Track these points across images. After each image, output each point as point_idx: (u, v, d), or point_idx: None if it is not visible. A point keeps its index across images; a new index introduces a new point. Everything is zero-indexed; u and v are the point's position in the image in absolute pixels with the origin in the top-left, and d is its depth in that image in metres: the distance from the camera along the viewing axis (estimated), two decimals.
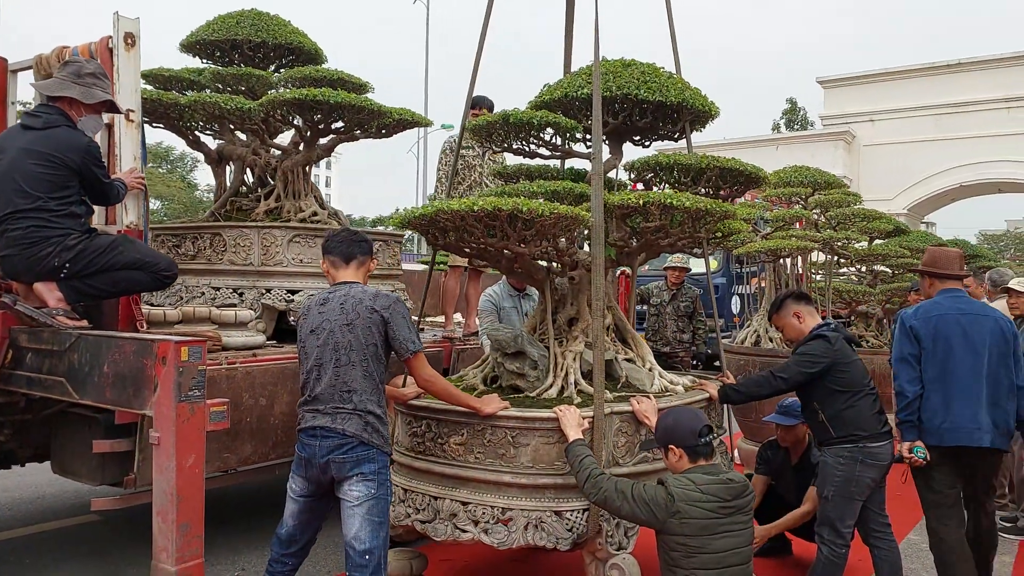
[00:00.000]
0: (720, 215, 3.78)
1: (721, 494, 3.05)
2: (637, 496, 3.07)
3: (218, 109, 5.50)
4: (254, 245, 5.43)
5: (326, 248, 3.46)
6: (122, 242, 3.84)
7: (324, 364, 3.22)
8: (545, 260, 4.02)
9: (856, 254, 7.42)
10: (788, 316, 4.19)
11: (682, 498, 3.00)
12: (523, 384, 3.87)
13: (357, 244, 3.44)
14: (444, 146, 6.54)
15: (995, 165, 27.74)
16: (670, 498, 3.00)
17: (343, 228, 3.61)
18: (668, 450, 3.25)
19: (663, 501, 3.01)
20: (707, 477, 3.09)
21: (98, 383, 3.41)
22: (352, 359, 3.20)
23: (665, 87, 4.19)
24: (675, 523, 2.99)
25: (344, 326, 3.22)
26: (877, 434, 3.89)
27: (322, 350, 3.23)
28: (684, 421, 3.23)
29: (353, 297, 3.28)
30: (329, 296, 3.33)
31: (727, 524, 3.02)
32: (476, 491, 3.55)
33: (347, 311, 3.24)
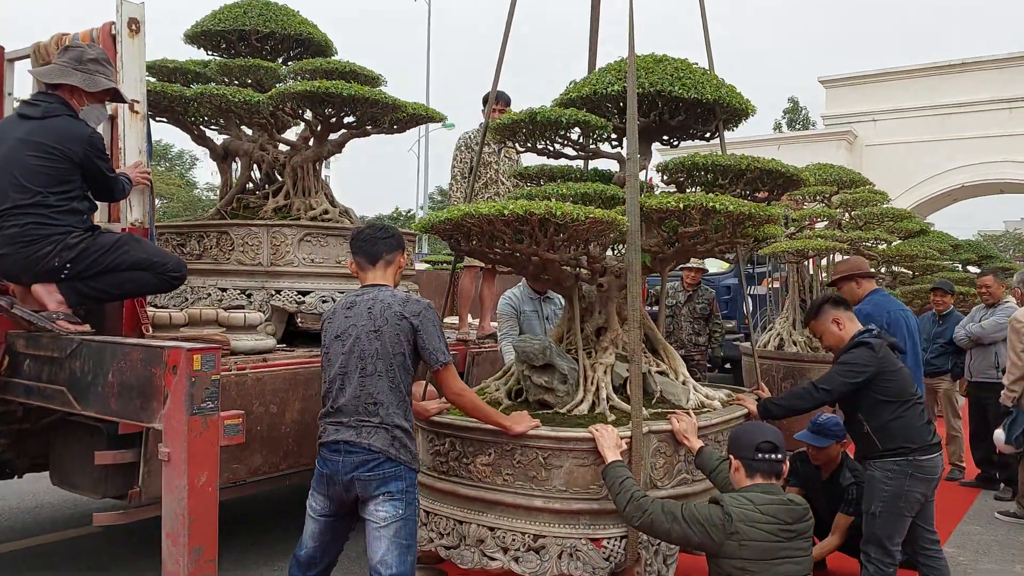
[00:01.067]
0: (763, 219, 3.56)
1: (781, 516, 2.83)
2: (689, 516, 2.85)
3: (225, 102, 5.27)
4: (263, 244, 5.21)
5: (352, 248, 3.24)
6: (127, 241, 3.60)
7: (349, 373, 3.00)
8: (574, 267, 3.79)
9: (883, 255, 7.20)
10: (827, 323, 4.00)
11: (740, 518, 2.79)
12: (552, 399, 3.65)
13: (383, 241, 3.19)
14: (459, 143, 6.29)
15: (997, 166, 27.59)
16: (727, 517, 2.79)
17: (368, 224, 3.35)
18: (729, 461, 3.07)
19: (719, 521, 2.80)
20: (766, 497, 2.88)
21: (102, 393, 3.17)
22: (379, 369, 2.98)
23: (700, 84, 3.97)
24: (733, 545, 2.77)
25: (371, 332, 2.99)
26: (927, 446, 3.72)
27: (347, 358, 3.00)
28: (749, 432, 3.04)
29: (381, 302, 3.04)
30: (356, 299, 3.10)
31: (788, 549, 2.81)
32: (505, 516, 3.33)
33: (375, 316, 3.01)
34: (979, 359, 6.92)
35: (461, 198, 6.20)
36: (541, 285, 5.26)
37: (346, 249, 5.35)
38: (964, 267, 11.27)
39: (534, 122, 3.85)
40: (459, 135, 6.39)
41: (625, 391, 3.79)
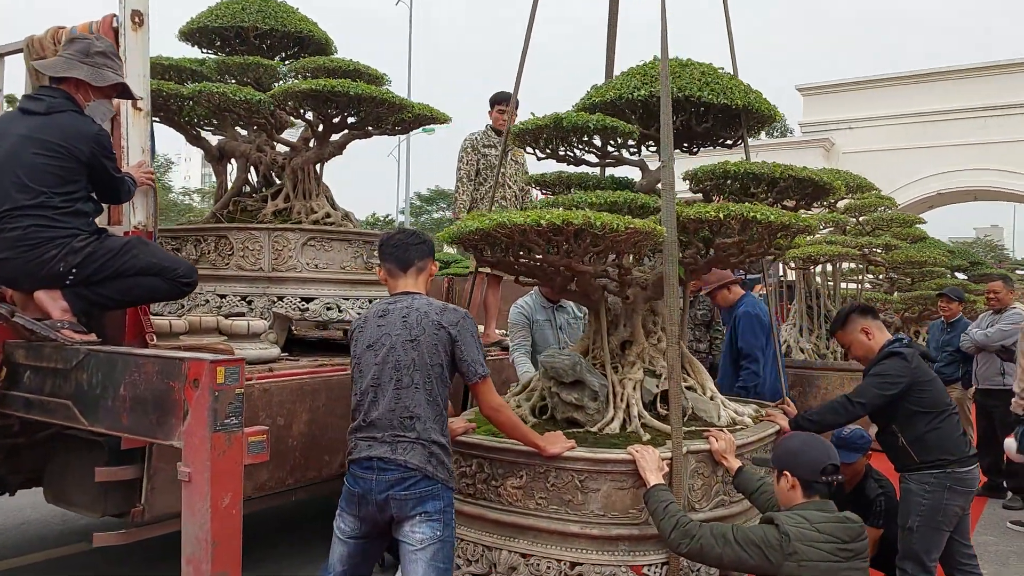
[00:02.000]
0: (799, 229, 3.44)
1: (839, 535, 2.69)
2: (743, 539, 2.70)
3: (225, 100, 5.04)
4: (264, 249, 5.00)
5: (381, 254, 3.07)
6: (136, 244, 3.39)
7: (383, 384, 2.83)
8: (604, 279, 3.64)
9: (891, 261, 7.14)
10: (855, 332, 3.88)
11: (798, 537, 2.63)
12: (581, 417, 3.50)
13: (414, 248, 3.03)
14: (465, 144, 6.12)
15: (971, 173, 27.98)
16: (785, 537, 2.63)
17: (398, 230, 3.19)
18: (781, 475, 2.87)
19: (776, 541, 2.64)
20: (822, 515, 2.73)
21: (112, 408, 2.96)
22: (416, 380, 2.82)
23: (729, 89, 3.85)
24: (792, 566, 2.61)
25: (407, 342, 2.83)
26: (965, 458, 3.64)
27: (381, 368, 2.84)
28: (812, 452, 2.85)
29: (417, 310, 2.89)
30: (389, 307, 2.94)
31: (847, 570, 2.66)
32: (538, 542, 3.16)
33: (411, 325, 2.85)
34: (985, 366, 6.89)
35: (468, 201, 6.05)
36: (555, 294, 5.11)
37: (351, 254, 5.19)
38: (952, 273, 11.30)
39: (560, 127, 3.69)
40: (464, 136, 6.22)
41: (655, 408, 3.66)
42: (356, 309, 5.09)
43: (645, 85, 3.80)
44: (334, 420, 4.58)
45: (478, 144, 6.07)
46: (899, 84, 29.49)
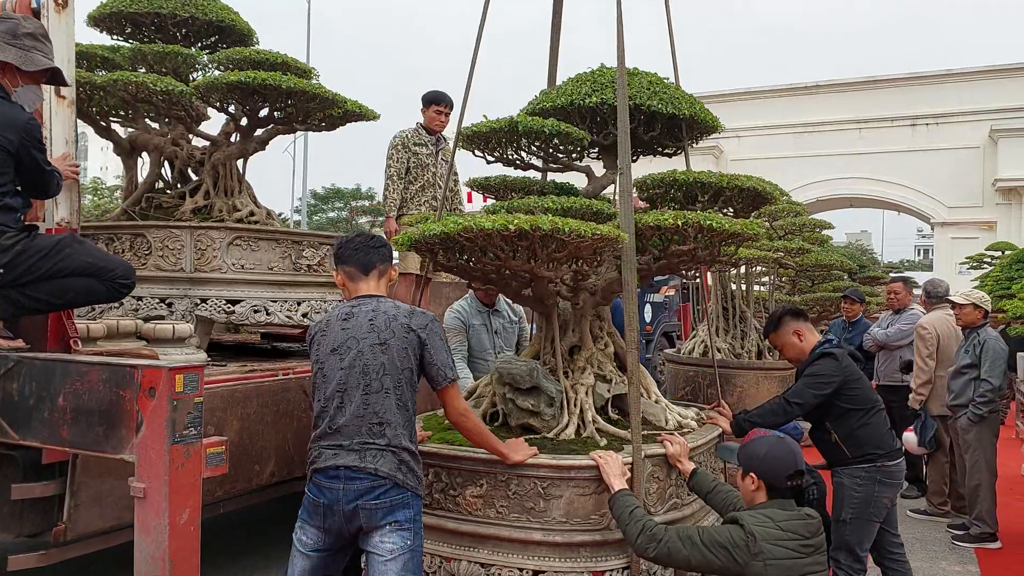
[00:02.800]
0: (748, 236, 3.53)
1: (801, 531, 2.75)
2: (709, 540, 2.72)
3: (144, 91, 4.77)
4: (186, 248, 4.76)
5: (339, 257, 2.95)
6: (69, 243, 3.13)
7: (349, 390, 2.72)
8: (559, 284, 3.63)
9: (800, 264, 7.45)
10: (788, 335, 4.03)
11: (763, 537, 2.68)
12: (537, 423, 3.47)
13: (375, 251, 2.93)
14: (395, 141, 5.98)
15: (847, 182, 29.60)
16: (751, 537, 2.67)
17: (357, 232, 3.09)
18: (747, 475, 2.92)
19: (743, 541, 2.68)
20: (785, 513, 2.79)
21: (49, 419, 2.73)
22: (385, 385, 2.72)
23: (676, 99, 3.91)
24: (759, 566, 2.66)
25: (376, 346, 2.74)
26: (893, 451, 3.84)
27: (347, 373, 2.72)
28: (779, 458, 2.88)
29: (385, 313, 2.79)
30: (353, 310, 2.82)
31: (810, 565, 2.73)
32: (499, 551, 3.12)
33: (379, 328, 2.76)
34: (886, 363, 7.28)
35: (398, 200, 5.93)
36: (488, 296, 5.07)
37: (279, 254, 5.01)
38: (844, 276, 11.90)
39: (514, 131, 3.66)
40: (394, 133, 6.08)
41: (607, 412, 3.67)
42: (285, 312, 4.91)
43: (596, 92, 3.81)
44: (264, 428, 4.41)
45: (408, 142, 5.96)
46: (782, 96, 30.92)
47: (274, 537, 5.44)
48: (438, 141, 6.15)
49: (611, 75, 3.91)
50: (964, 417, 5.66)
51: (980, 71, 29.63)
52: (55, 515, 3.45)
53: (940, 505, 6.33)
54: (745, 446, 3.01)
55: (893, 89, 30.38)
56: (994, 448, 5.70)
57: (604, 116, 3.91)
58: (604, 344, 3.92)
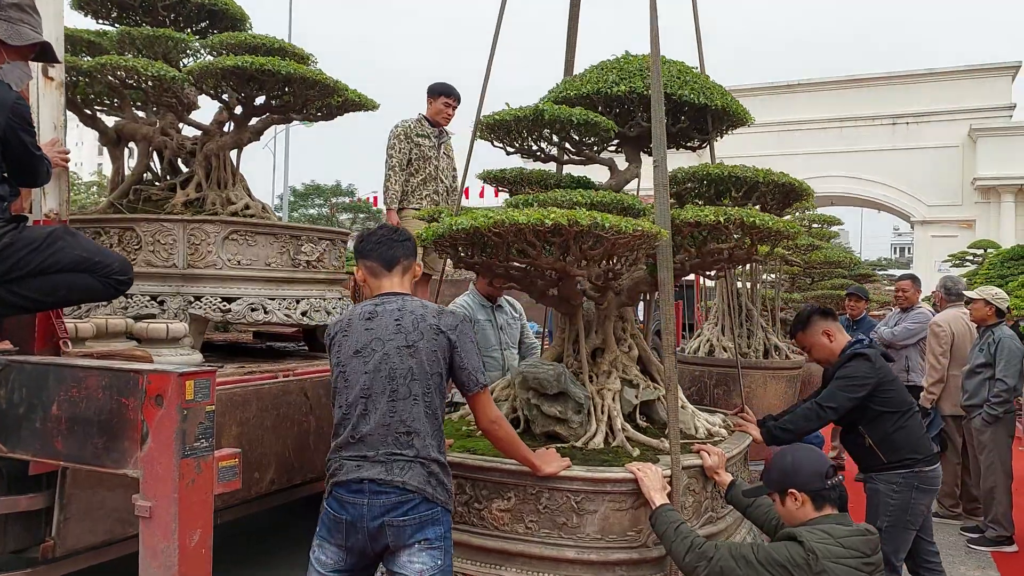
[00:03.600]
0: (787, 234, 3.34)
1: (862, 548, 2.56)
2: (766, 559, 2.52)
3: (134, 76, 4.49)
4: (179, 243, 4.50)
5: (361, 251, 2.72)
6: (62, 235, 2.86)
7: (374, 395, 2.50)
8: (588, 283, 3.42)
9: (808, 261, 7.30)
10: (817, 335, 3.85)
11: (825, 554, 2.48)
12: (564, 431, 3.25)
13: (400, 244, 2.71)
14: (398, 131, 5.73)
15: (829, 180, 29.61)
16: (812, 555, 2.47)
17: (380, 226, 2.83)
18: (787, 495, 2.71)
19: (803, 560, 2.48)
20: (844, 529, 2.59)
21: (42, 430, 2.47)
22: (414, 391, 2.50)
23: (708, 89, 3.71)
24: None
25: (404, 348, 2.51)
26: (931, 456, 3.68)
27: (372, 377, 2.50)
28: (807, 462, 2.71)
29: (412, 312, 2.57)
30: (377, 309, 2.60)
31: None
32: (527, 569, 2.90)
33: (406, 330, 2.53)
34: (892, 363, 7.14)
35: (399, 191, 5.70)
36: (494, 290, 4.85)
37: (277, 249, 4.76)
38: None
39: (539, 120, 3.44)
40: (395, 123, 5.84)
41: (635, 419, 3.47)
42: (283, 310, 4.66)
43: (624, 80, 3.60)
44: (264, 433, 4.17)
45: (411, 133, 5.72)
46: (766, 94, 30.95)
47: (274, 545, 5.20)
48: (440, 134, 5.92)
49: (639, 63, 3.70)
50: (979, 417, 5.55)
51: (959, 71, 29.82)
52: (42, 530, 3.21)
53: (952, 507, 6.20)
54: (768, 471, 2.80)
55: (874, 89, 30.54)
56: (1009, 449, 5.58)
57: (631, 106, 3.70)
58: (628, 347, 3.72)
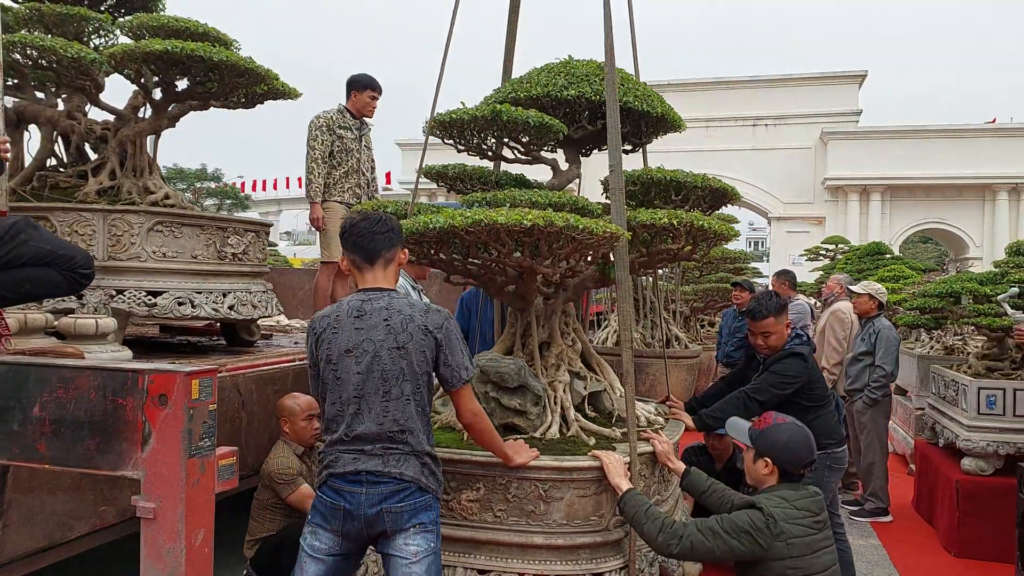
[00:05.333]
0: (726, 236, 3.59)
1: (812, 508, 2.83)
2: (731, 528, 2.74)
3: (53, 56, 4.26)
4: (98, 234, 4.32)
5: (344, 243, 2.72)
6: (24, 228, 2.72)
7: (368, 395, 2.56)
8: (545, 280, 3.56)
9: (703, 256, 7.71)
10: (781, 324, 4.04)
11: (782, 517, 2.74)
12: (523, 423, 3.38)
13: (380, 237, 2.68)
14: (319, 123, 5.61)
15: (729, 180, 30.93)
16: (771, 519, 2.72)
17: (362, 215, 2.76)
18: (760, 459, 2.95)
19: (763, 524, 2.72)
20: (795, 492, 2.86)
21: (20, 432, 2.36)
22: (405, 391, 2.58)
23: (650, 97, 3.91)
24: (781, 546, 2.71)
25: (395, 350, 2.57)
26: (840, 440, 4.06)
27: (365, 378, 2.56)
28: (799, 447, 2.94)
29: (400, 312, 2.61)
30: (364, 307, 2.62)
31: (822, 540, 2.81)
32: (496, 556, 3.02)
33: (395, 330, 2.58)
34: None
35: (322, 184, 5.60)
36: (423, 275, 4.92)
37: (203, 242, 4.63)
38: None
39: (496, 120, 3.53)
40: (316, 115, 5.73)
41: (583, 410, 3.64)
42: (211, 304, 4.54)
43: (573, 85, 3.74)
44: None
45: (333, 125, 5.63)
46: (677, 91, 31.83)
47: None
48: (362, 126, 5.89)
49: (585, 69, 3.85)
50: (860, 401, 6.07)
51: (812, 77, 31.81)
52: None
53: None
54: (765, 432, 3.01)
55: (737, 90, 32.16)
56: (886, 430, 6.16)
57: (577, 109, 3.85)
58: (572, 340, 3.88)
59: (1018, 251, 5.74)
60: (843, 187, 30.25)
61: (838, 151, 30.10)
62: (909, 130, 29.72)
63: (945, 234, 30.74)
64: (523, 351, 3.72)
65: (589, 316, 9.70)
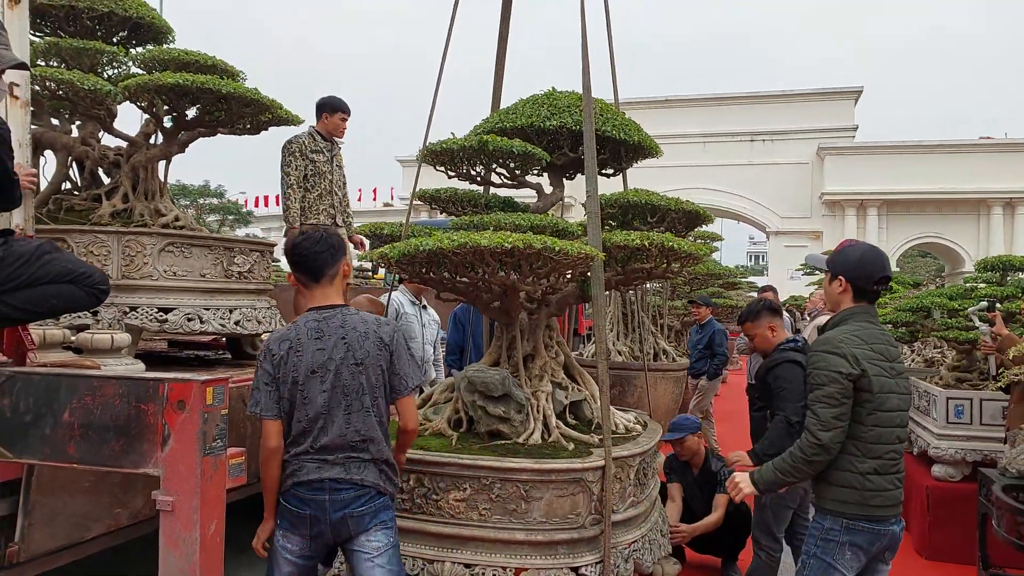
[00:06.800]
0: (698, 258, 3.87)
1: (886, 355, 2.89)
2: (826, 397, 2.79)
3: (71, 89, 4.56)
4: (113, 254, 4.60)
5: (290, 262, 2.91)
6: (49, 249, 2.98)
7: (332, 411, 2.74)
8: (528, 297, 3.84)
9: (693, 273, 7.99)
10: (763, 327, 4.22)
11: (864, 357, 2.81)
12: (507, 429, 3.65)
13: (322, 256, 2.84)
14: (292, 148, 5.72)
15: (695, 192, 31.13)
16: (853, 359, 2.79)
17: (303, 235, 2.93)
18: (836, 279, 3.02)
19: (847, 369, 2.78)
20: (873, 333, 2.91)
21: (51, 436, 2.63)
22: (365, 404, 2.77)
23: (627, 126, 4.21)
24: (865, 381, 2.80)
25: (353, 366, 2.76)
26: None
27: (329, 395, 2.74)
28: (871, 263, 2.99)
29: (355, 329, 2.80)
30: (322, 327, 2.79)
31: (896, 387, 2.88)
32: (481, 551, 3.28)
33: (353, 347, 2.77)
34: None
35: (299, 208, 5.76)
36: (421, 292, 5.22)
37: (211, 261, 4.91)
38: None
39: (484, 150, 3.83)
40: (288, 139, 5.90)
41: (564, 418, 3.91)
42: (218, 320, 4.83)
43: (555, 116, 4.04)
44: None
45: (306, 149, 5.78)
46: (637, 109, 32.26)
47: None
48: (332, 147, 6.04)
49: (567, 100, 4.15)
50: None
51: (809, 93, 32.20)
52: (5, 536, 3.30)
53: None
54: (837, 253, 3.09)
55: (735, 107, 32.56)
56: None
57: (560, 138, 4.14)
58: (555, 353, 4.16)
59: (987, 267, 6.02)
60: (840, 201, 30.57)
61: (835, 166, 30.46)
62: (905, 145, 30.07)
63: (941, 248, 31.05)
64: (508, 363, 3.99)
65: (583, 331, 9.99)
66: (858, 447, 2.86)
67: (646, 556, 3.65)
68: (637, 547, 3.58)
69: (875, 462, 2.86)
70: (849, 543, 2.86)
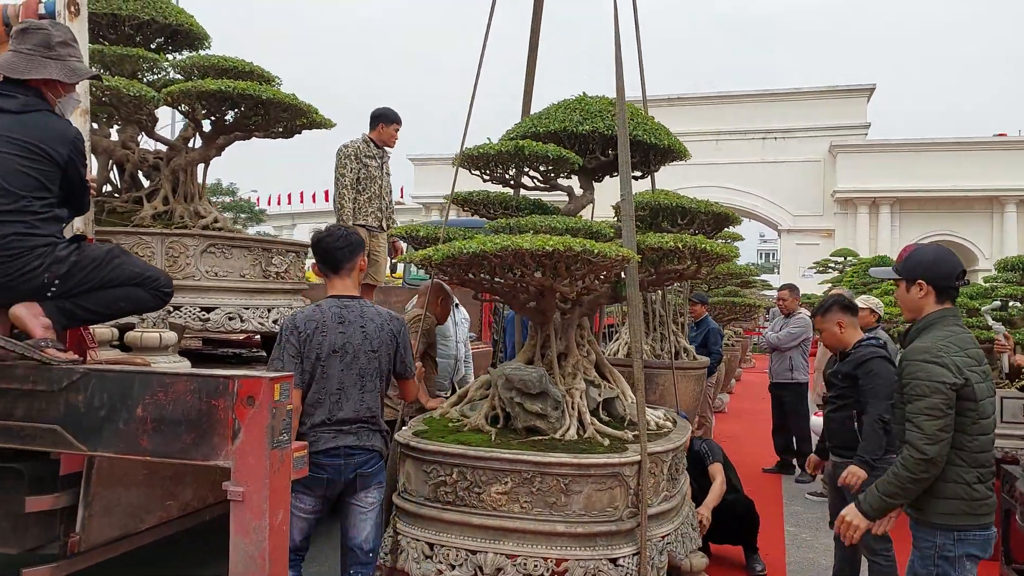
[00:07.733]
0: (730, 258, 3.99)
1: (979, 359, 2.88)
2: (934, 409, 2.74)
3: (116, 95, 4.71)
4: (157, 255, 4.75)
5: (314, 254, 3.48)
6: (118, 253, 3.12)
7: (347, 388, 3.31)
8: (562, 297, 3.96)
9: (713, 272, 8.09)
10: (831, 323, 4.29)
11: (963, 364, 2.79)
12: (544, 426, 3.78)
13: (340, 251, 3.41)
14: (348, 152, 6.11)
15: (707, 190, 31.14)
16: (955, 368, 2.76)
17: (326, 232, 3.48)
18: (915, 284, 2.96)
19: (951, 379, 2.75)
20: (965, 339, 2.88)
21: (125, 430, 2.77)
22: (377, 386, 3.39)
23: (657, 130, 4.32)
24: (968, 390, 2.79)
25: (370, 352, 3.35)
26: None
27: (346, 374, 3.30)
28: (948, 261, 2.97)
29: (372, 320, 3.38)
30: (344, 314, 3.34)
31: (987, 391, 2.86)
32: (523, 543, 3.41)
33: (370, 337, 3.35)
34: (778, 363, 8.12)
35: (352, 208, 6.08)
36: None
37: (250, 262, 5.06)
38: None
39: (520, 154, 3.95)
40: (343, 144, 6.23)
41: (598, 415, 4.03)
42: (257, 319, 4.97)
43: (587, 120, 4.17)
44: None
45: (360, 154, 6.13)
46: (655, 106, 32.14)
47: None
48: (383, 154, 6.39)
49: (598, 105, 4.27)
50: None
51: (821, 91, 32.17)
52: (56, 528, 3.44)
53: None
54: (907, 258, 3.05)
55: (747, 105, 32.57)
56: None
57: (592, 143, 4.26)
58: (587, 351, 4.29)
59: (1007, 267, 6.11)
60: (852, 199, 30.58)
61: (847, 164, 30.46)
62: (917, 143, 30.05)
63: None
64: (542, 361, 4.12)
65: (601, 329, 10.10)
66: (963, 457, 2.82)
67: (679, 549, 3.78)
68: (670, 540, 3.71)
69: (979, 471, 2.84)
70: (966, 555, 2.84)
